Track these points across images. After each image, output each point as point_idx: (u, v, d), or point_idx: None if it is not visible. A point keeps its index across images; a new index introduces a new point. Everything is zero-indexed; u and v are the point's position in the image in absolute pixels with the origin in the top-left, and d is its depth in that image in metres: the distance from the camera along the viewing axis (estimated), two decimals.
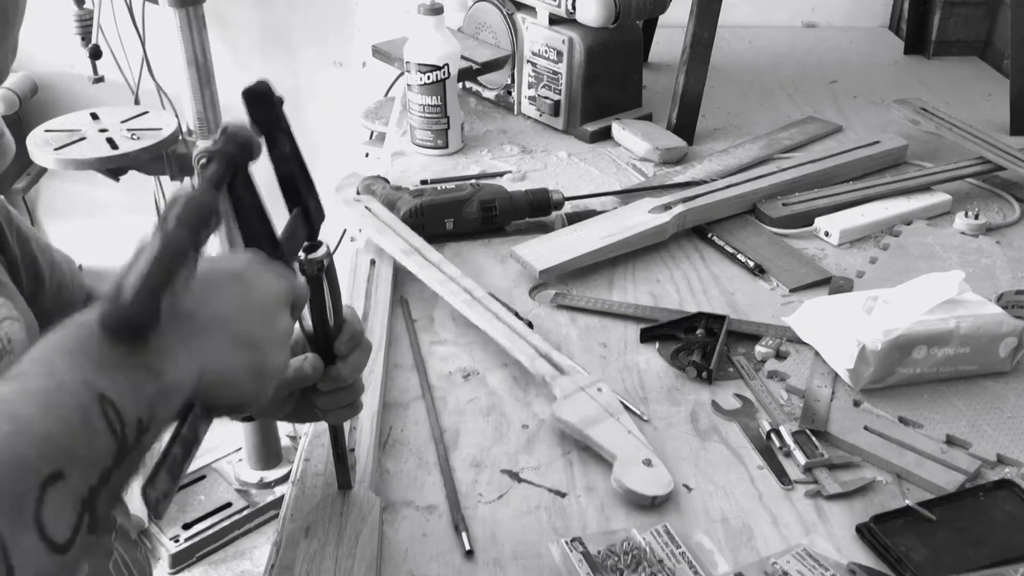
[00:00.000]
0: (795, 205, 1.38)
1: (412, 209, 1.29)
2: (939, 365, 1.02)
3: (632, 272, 1.26)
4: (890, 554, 0.82)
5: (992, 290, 1.13)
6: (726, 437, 0.98)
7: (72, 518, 0.49)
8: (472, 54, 1.67)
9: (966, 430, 0.97)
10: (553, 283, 1.23)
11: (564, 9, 1.56)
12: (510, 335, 1.07)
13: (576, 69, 1.59)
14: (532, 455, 0.95)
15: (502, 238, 1.33)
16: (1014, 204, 1.41)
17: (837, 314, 1.06)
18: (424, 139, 1.58)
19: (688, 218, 1.32)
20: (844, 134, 1.66)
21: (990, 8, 2.03)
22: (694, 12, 1.56)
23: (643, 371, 1.07)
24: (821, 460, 0.92)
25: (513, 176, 1.50)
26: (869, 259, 1.28)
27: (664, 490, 0.88)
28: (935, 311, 1.02)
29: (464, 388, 1.04)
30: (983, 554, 0.82)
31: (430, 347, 1.11)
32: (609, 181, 1.50)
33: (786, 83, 1.92)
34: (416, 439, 0.97)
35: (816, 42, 2.16)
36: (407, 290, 1.21)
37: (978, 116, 1.69)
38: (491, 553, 0.84)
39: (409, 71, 1.54)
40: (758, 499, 0.90)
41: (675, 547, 0.82)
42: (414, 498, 0.90)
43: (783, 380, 1.05)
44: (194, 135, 1.93)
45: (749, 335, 1.12)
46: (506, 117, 1.73)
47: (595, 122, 1.64)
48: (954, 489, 0.89)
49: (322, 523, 0.82)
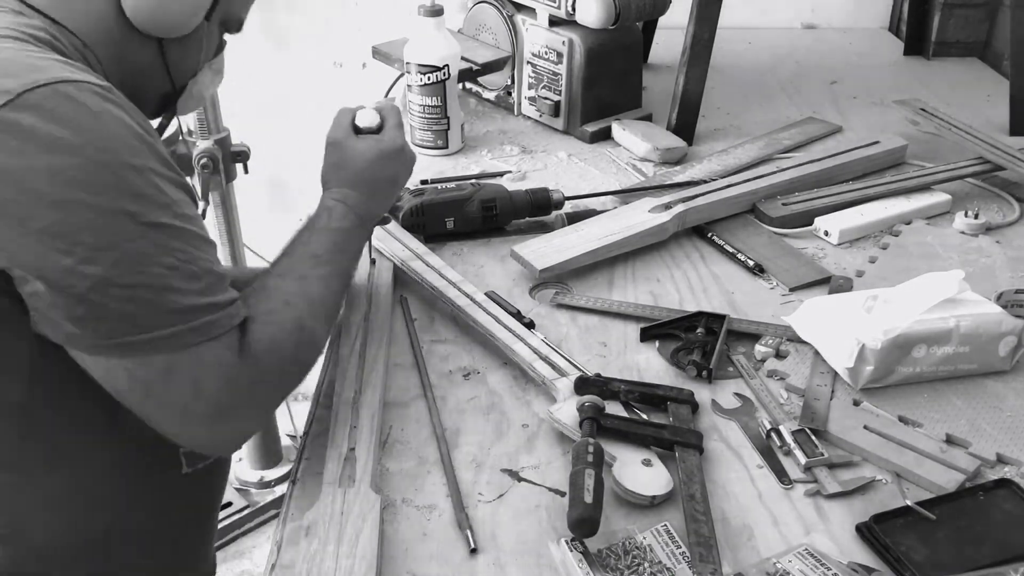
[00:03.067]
0: (795, 205, 1.38)
1: (412, 208, 1.29)
2: (939, 364, 1.02)
3: (632, 271, 1.26)
4: (890, 553, 0.82)
5: (992, 289, 1.13)
6: (726, 436, 0.98)
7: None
8: (472, 55, 1.67)
9: (966, 429, 0.97)
10: (553, 282, 1.23)
11: (564, 10, 1.56)
12: (510, 337, 1.07)
13: (576, 70, 1.59)
14: (532, 454, 0.95)
15: (502, 237, 1.33)
16: (1014, 204, 1.42)
17: (837, 313, 1.06)
18: (424, 139, 1.58)
19: (688, 218, 1.32)
20: (844, 134, 1.66)
21: (990, 9, 2.04)
22: (694, 13, 1.56)
23: (643, 370, 1.07)
24: (821, 459, 0.92)
25: (513, 176, 1.50)
26: (869, 259, 1.28)
27: (663, 490, 0.88)
28: (935, 310, 1.02)
29: (464, 387, 1.04)
30: (983, 553, 0.82)
31: (430, 346, 1.11)
32: (609, 181, 1.50)
33: (786, 84, 1.92)
34: (416, 438, 0.97)
35: (816, 43, 2.16)
36: (407, 289, 1.21)
37: (978, 116, 1.69)
38: (491, 552, 0.84)
39: (409, 72, 1.54)
40: (758, 498, 0.90)
41: (675, 547, 0.82)
42: (414, 497, 0.90)
43: (783, 379, 1.05)
44: (194, 135, 1.93)
45: (749, 334, 1.12)
46: (506, 118, 1.73)
47: (595, 123, 1.64)
48: (954, 488, 0.89)
49: (322, 522, 0.83)
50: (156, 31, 0.89)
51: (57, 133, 0.73)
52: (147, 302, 0.76)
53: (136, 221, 0.75)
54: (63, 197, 0.72)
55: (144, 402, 0.80)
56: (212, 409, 0.80)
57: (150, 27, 0.88)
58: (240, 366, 0.81)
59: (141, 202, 0.76)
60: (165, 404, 0.80)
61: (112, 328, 0.75)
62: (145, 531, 0.96)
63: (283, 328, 0.86)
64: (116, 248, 0.74)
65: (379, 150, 1.03)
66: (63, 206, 0.72)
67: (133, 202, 0.75)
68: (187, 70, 0.97)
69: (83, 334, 0.75)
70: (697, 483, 0.89)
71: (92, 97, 0.75)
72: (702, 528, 0.83)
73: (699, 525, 0.84)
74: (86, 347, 0.77)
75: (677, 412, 0.98)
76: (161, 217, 0.77)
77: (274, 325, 0.85)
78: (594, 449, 0.87)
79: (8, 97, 0.72)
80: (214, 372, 0.79)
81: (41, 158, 0.72)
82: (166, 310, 0.76)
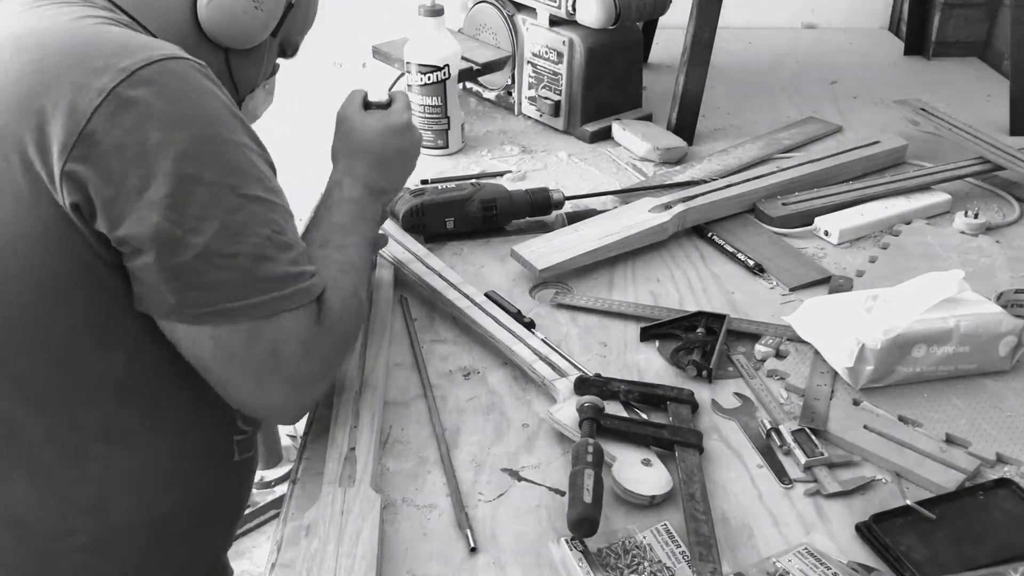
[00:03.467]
0: (795, 205, 1.38)
1: (412, 208, 1.29)
2: (939, 364, 1.02)
3: (632, 271, 1.26)
4: (890, 553, 0.82)
5: (992, 289, 1.13)
6: (726, 436, 0.98)
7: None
8: (472, 55, 1.67)
9: (966, 429, 0.97)
10: (553, 282, 1.23)
11: (564, 10, 1.56)
12: (510, 337, 1.07)
13: (576, 70, 1.59)
14: (532, 454, 0.95)
15: (502, 237, 1.33)
16: (1014, 204, 1.42)
17: (837, 313, 1.06)
18: (424, 139, 1.58)
19: (688, 217, 1.32)
20: (844, 134, 1.66)
21: (990, 9, 2.04)
22: (694, 13, 1.56)
23: (643, 370, 1.07)
24: (821, 459, 0.92)
25: (513, 176, 1.50)
26: (869, 258, 1.28)
27: (663, 490, 0.88)
28: (935, 310, 1.02)
29: (464, 387, 1.05)
30: (983, 553, 0.82)
31: (430, 346, 1.11)
32: (609, 181, 1.50)
33: (786, 84, 1.92)
34: (416, 438, 0.97)
35: (816, 43, 2.16)
36: (407, 289, 1.21)
37: (978, 116, 1.69)
38: (491, 552, 0.84)
39: (409, 72, 1.54)
40: (758, 498, 0.90)
41: (675, 546, 0.82)
42: (414, 497, 0.90)
43: (783, 379, 1.05)
44: None
45: (749, 334, 1.12)
46: (506, 117, 1.73)
47: (595, 122, 1.64)
48: (954, 488, 0.89)
49: (322, 522, 0.83)
50: (225, 41, 0.94)
51: (168, 109, 0.77)
52: (245, 270, 0.81)
53: (236, 193, 0.80)
54: (175, 170, 0.77)
55: (226, 367, 0.84)
56: (289, 375, 0.85)
57: (221, 36, 0.94)
58: (318, 334, 0.86)
59: (240, 175, 0.81)
60: (245, 369, 0.84)
61: (212, 295, 0.80)
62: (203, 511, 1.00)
63: (345, 296, 0.91)
64: (219, 219, 0.79)
65: (386, 123, 1.06)
66: (175, 178, 0.77)
67: (234, 175, 0.80)
68: (248, 83, 1.01)
69: (183, 303, 0.79)
70: (697, 483, 0.89)
71: (195, 74, 0.80)
72: (702, 528, 0.83)
73: (699, 524, 0.84)
74: (185, 317, 0.80)
75: (677, 412, 0.98)
76: (256, 190, 0.82)
77: (339, 292, 0.90)
78: (594, 449, 0.87)
79: (124, 75, 0.76)
80: (295, 339, 0.84)
81: (155, 134, 0.76)
82: (259, 278, 0.82)
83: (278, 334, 0.83)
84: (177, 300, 0.80)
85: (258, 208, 0.82)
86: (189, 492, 0.97)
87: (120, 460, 0.89)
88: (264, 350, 0.83)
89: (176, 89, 0.78)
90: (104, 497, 0.90)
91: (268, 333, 0.83)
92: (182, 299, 0.80)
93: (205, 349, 0.83)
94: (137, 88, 0.76)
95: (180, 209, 0.77)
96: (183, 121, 0.78)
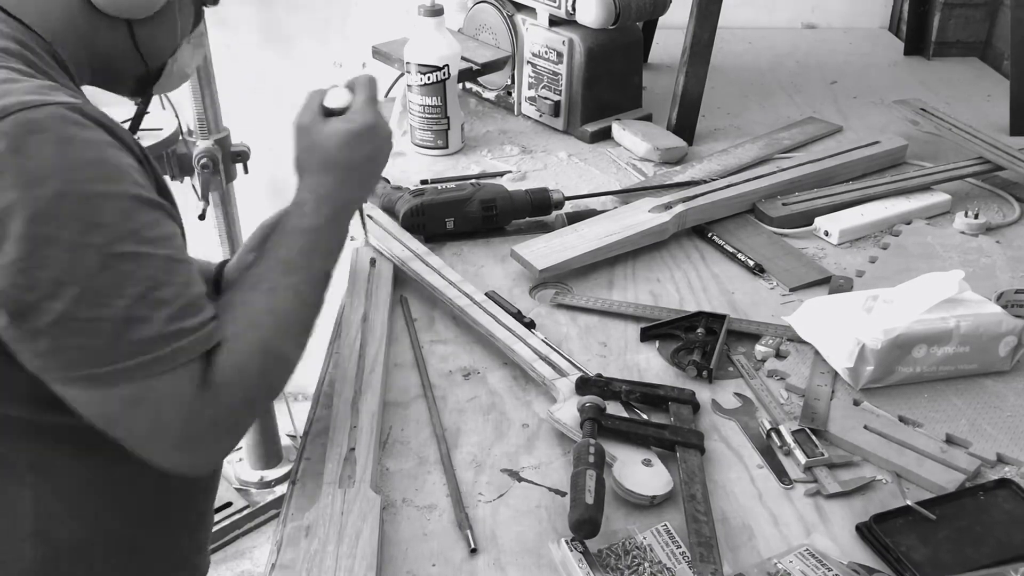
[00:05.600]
0: (795, 205, 1.38)
1: (412, 208, 1.29)
2: (939, 364, 1.02)
3: (632, 271, 1.26)
4: (890, 553, 0.82)
5: (992, 289, 1.13)
6: (726, 436, 0.98)
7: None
8: (472, 55, 1.67)
9: (966, 429, 0.97)
10: (553, 282, 1.23)
11: (564, 10, 1.56)
12: (511, 337, 1.07)
13: (576, 70, 1.59)
14: (532, 454, 0.95)
15: (502, 237, 1.33)
16: (1014, 204, 1.42)
17: (837, 313, 1.06)
18: (424, 139, 1.58)
19: (688, 218, 1.32)
20: (844, 134, 1.66)
21: (990, 9, 2.04)
22: (694, 13, 1.56)
23: (643, 370, 1.07)
24: (821, 459, 0.92)
25: (513, 176, 1.50)
26: (869, 258, 1.28)
27: (663, 490, 0.88)
28: (935, 310, 1.02)
29: (464, 387, 1.04)
30: (983, 553, 0.82)
31: (430, 346, 1.11)
32: (609, 181, 1.50)
33: (786, 84, 1.92)
34: (416, 438, 0.97)
35: (816, 43, 2.16)
36: (407, 289, 1.21)
37: (978, 116, 1.69)
38: (491, 552, 0.84)
39: (409, 72, 1.54)
40: (758, 498, 0.90)
41: (675, 547, 0.82)
42: (414, 497, 0.90)
43: (783, 379, 1.05)
44: (194, 135, 1.93)
45: (749, 334, 1.12)
46: (506, 117, 1.73)
47: (595, 122, 1.64)
48: (954, 488, 0.89)
49: (322, 522, 0.83)
50: (122, 12, 0.87)
51: (22, 165, 0.71)
52: (109, 334, 0.74)
53: (100, 253, 0.73)
54: (27, 232, 0.70)
55: (113, 430, 0.79)
56: (176, 439, 0.79)
57: (114, 9, 0.86)
58: (200, 399, 0.79)
59: (106, 232, 0.74)
60: (132, 433, 0.79)
61: (74, 360, 0.74)
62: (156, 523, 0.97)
63: (247, 354, 0.82)
64: (79, 283, 0.72)
65: (347, 131, 0.92)
66: (26, 241, 0.70)
67: (98, 233, 0.73)
68: (164, 49, 0.94)
69: (47, 367, 0.75)
70: (698, 483, 0.89)
71: (58, 123, 0.73)
72: (703, 528, 0.83)
73: (700, 525, 0.84)
74: (52, 379, 0.76)
75: (678, 412, 0.98)
76: (127, 246, 0.75)
77: (238, 353, 0.82)
78: (595, 450, 0.87)
79: None
80: (173, 404, 0.78)
81: (7, 193, 0.70)
82: (129, 341, 0.75)
83: (157, 397, 0.77)
84: (43, 363, 0.75)
85: (127, 266, 0.74)
86: (135, 510, 0.93)
87: (54, 490, 0.87)
88: (143, 415, 0.78)
89: (33, 143, 0.71)
90: (44, 523, 0.87)
91: (146, 397, 0.77)
92: (46, 363, 0.75)
93: (87, 411, 0.78)
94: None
95: (31, 274, 0.71)
96: (38, 178, 0.71)
